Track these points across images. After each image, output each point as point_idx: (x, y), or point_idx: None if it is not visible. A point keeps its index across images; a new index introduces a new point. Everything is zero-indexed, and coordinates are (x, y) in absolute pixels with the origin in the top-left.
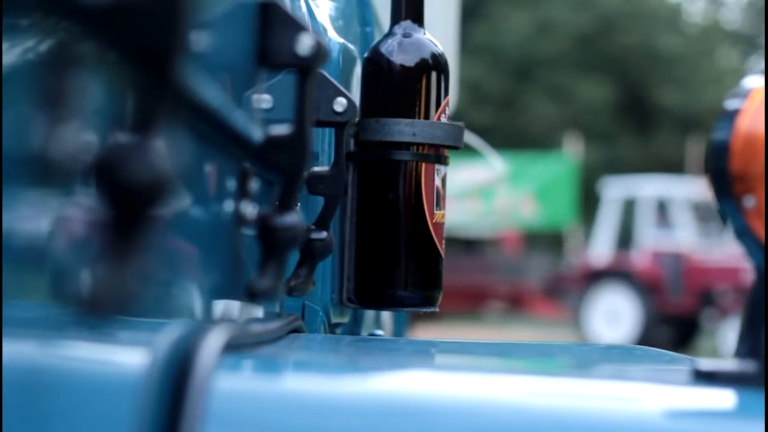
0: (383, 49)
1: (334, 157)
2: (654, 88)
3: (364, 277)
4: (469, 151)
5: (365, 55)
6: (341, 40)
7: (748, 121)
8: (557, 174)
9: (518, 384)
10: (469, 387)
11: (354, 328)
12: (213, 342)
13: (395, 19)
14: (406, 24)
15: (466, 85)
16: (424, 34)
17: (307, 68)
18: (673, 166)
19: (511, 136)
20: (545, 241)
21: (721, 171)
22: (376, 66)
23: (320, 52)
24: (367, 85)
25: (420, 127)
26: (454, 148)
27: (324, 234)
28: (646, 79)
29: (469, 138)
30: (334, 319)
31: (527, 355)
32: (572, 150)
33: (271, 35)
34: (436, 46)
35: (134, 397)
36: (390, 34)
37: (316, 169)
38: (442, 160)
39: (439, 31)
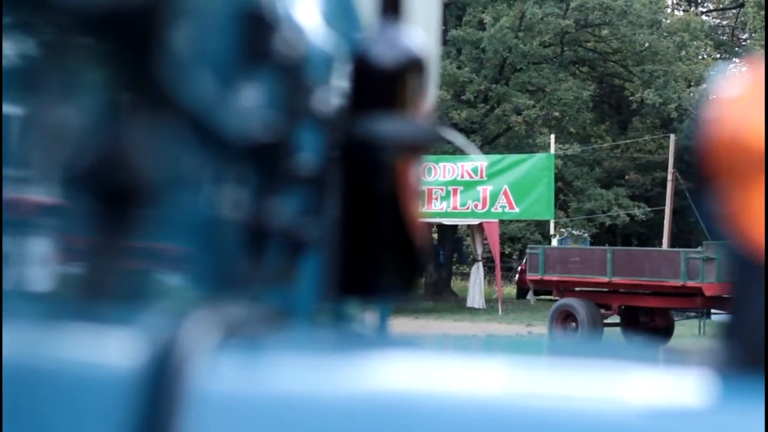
0: (365, 47)
1: (320, 153)
2: (633, 85)
3: (345, 272)
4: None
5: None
6: (329, 39)
7: (726, 120)
8: (534, 171)
9: (500, 378)
10: (449, 382)
11: (339, 321)
12: (195, 334)
13: (378, 17)
14: (388, 22)
15: (448, 83)
16: (406, 32)
17: (289, 67)
18: (654, 164)
19: (492, 134)
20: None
21: (699, 170)
22: (358, 64)
23: (302, 52)
24: (350, 83)
25: (399, 124)
26: (433, 145)
27: (308, 227)
28: (625, 76)
29: (447, 133)
30: (319, 313)
31: (509, 349)
32: (551, 147)
33: (255, 35)
34: (416, 43)
35: (116, 390)
36: (372, 32)
37: (303, 164)
38: (421, 157)
39: (420, 28)
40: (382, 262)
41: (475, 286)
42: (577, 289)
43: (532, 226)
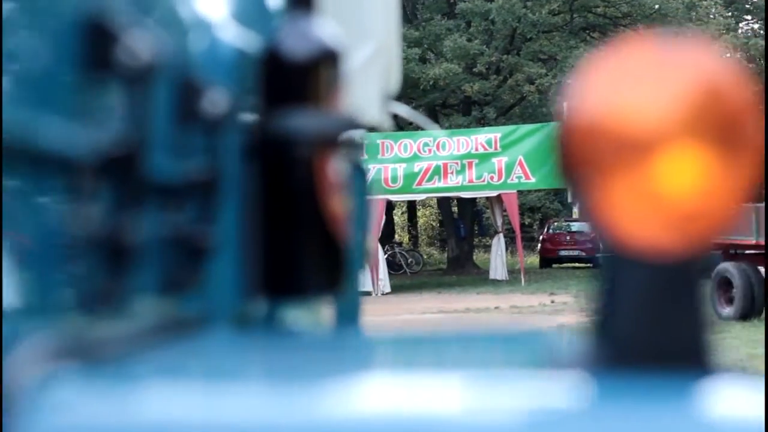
0: (275, 41)
1: (213, 154)
2: None
3: (266, 269)
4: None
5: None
6: (239, 37)
7: (590, 104)
8: (549, 140)
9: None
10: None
11: (271, 321)
12: (25, 363)
13: (288, 10)
14: (299, 15)
15: (459, 56)
16: (318, 24)
17: (144, 74)
18: None
19: (506, 105)
20: None
21: (567, 156)
22: (268, 59)
23: (158, 58)
24: (261, 79)
25: (313, 118)
26: (350, 137)
27: (204, 233)
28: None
29: (401, 109)
30: (242, 315)
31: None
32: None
33: (97, 46)
34: (328, 35)
35: None
36: (283, 25)
37: (193, 169)
38: (337, 150)
39: (380, 12)
40: (302, 259)
41: (497, 258)
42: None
43: (552, 195)
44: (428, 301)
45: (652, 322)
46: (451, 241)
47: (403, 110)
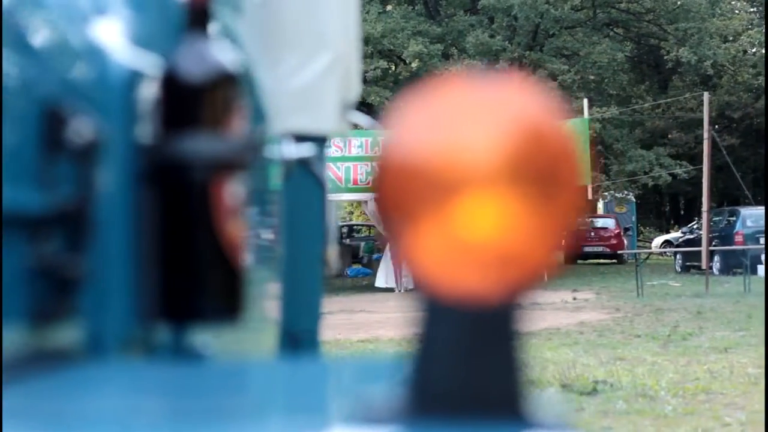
0: (171, 64)
1: (79, 187)
2: (668, 44)
3: (163, 295)
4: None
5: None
6: (136, 60)
7: (402, 145)
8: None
9: None
10: None
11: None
12: None
13: (185, 32)
14: (195, 36)
15: (481, 52)
16: (214, 46)
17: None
18: (696, 121)
19: None
20: None
21: (381, 199)
22: (164, 82)
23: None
24: (157, 102)
25: (209, 142)
26: (247, 159)
27: (74, 260)
28: (660, 35)
29: (361, 118)
30: (135, 342)
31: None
32: (584, 111)
33: None
34: (225, 57)
35: None
36: (178, 47)
37: (61, 198)
38: (235, 173)
39: (338, 23)
40: (198, 285)
41: None
42: None
43: None
44: None
45: (463, 370)
46: None
47: (363, 119)
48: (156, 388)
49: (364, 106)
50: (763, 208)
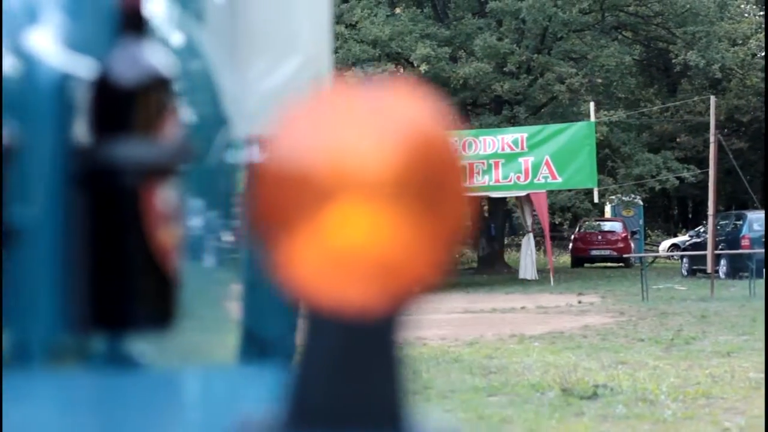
0: (103, 67)
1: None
2: (677, 48)
3: (94, 302)
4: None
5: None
6: (68, 63)
7: (278, 153)
8: (575, 139)
9: None
10: None
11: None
12: None
13: (119, 35)
14: (129, 39)
15: (489, 55)
16: (148, 49)
17: None
18: (705, 125)
19: (537, 105)
20: None
21: (255, 207)
22: (96, 85)
23: None
24: (89, 106)
25: (140, 147)
26: (179, 165)
27: None
28: (668, 39)
29: None
30: (62, 350)
31: None
32: (591, 115)
33: None
34: (158, 61)
35: None
36: (111, 50)
37: None
38: (167, 178)
39: (309, 25)
40: (128, 291)
41: (527, 258)
42: None
43: (582, 194)
44: (456, 301)
45: (341, 383)
46: (482, 241)
47: None
48: (80, 399)
49: None
50: None
